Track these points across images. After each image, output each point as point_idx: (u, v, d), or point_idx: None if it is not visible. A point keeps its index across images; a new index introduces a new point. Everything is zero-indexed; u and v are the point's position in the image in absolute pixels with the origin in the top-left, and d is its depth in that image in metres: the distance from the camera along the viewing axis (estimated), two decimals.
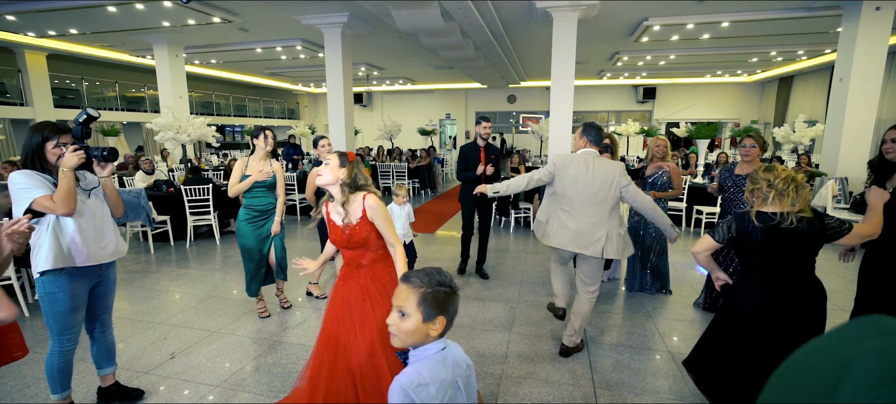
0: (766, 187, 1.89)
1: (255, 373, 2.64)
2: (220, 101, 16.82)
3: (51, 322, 2.01)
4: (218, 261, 5.02)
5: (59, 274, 1.96)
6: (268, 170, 3.26)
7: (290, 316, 3.47)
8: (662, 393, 2.46)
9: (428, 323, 1.14)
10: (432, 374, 1.11)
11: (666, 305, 3.69)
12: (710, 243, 2.03)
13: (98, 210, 2.09)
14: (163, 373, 2.64)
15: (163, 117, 6.45)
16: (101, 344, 2.31)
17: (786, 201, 1.85)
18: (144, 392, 2.45)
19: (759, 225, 1.87)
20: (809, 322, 1.89)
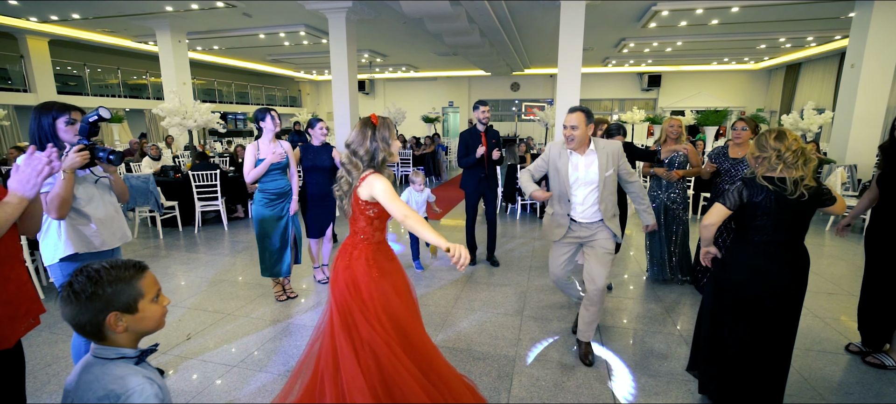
0: (776, 158, 1.87)
1: (271, 354, 2.67)
2: (222, 89, 16.75)
3: None
4: (226, 246, 5.04)
5: (76, 259, 1.99)
6: (280, 151, 3.24)
7: (303, 300, 3.49)
8: (677, 374, 2.48)
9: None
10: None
11: (675, 291, 3.70)
12: (723, 211, 1.96)
13: (105, 197, 2.12)
14: (180, 353, 2.67)
15: (169, 103, 6.42)
16: None
17: (794, 172, 1.85)
18: (164, 371, 2.49)
19: (768, 190, 1.85)
20: (797, 290, 1.93)
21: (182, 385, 2.35)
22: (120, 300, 0.96)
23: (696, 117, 8.36)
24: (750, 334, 2.00)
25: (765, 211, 1.88)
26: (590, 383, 2.40)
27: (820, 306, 3.40)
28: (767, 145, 1.90)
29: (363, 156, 1.75)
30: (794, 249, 1.94)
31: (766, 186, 1.86)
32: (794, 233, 1.93)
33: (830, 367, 2.58)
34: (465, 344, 2.80)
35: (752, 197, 1.89)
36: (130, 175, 5.20)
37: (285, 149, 3.33)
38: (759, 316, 1.97)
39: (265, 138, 3.25)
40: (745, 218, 1.95)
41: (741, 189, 1.92)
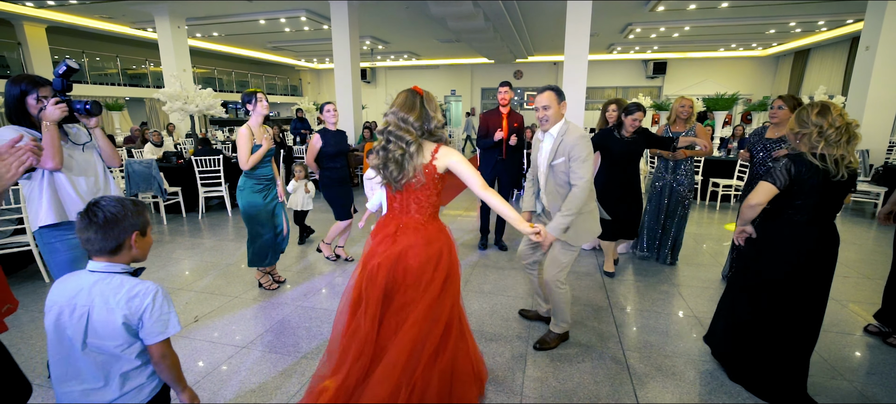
0: (817, 135, 1.78)
1: (279, 335, 2.63)
2: (222, 77, 16.60)
3: (56, 273, 2.02)
4: (231, 231, 5.00)
5: (58, 227, 1.95)
6: (269, 137, 3.15)
7: (303, 284, 3.45)
8: (692, 354, 2.43)
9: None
10: None
11: (684, 273, 3.65)
12: (769, 190, 1.84)
13: (92, 164, 2.07)
14: (189, 335, 2.63)
15: (170, 87, 6.33)
16: None
17: (837, 150, 1.76)
18: None
19: (820, 167, 1.77)
20: (828, 271, 1.92)
21: (191, 364, 2.31)
22: (139, 223, 1.24)
23: (705, 102, 8.21)
24: (779, 315, 1.95)
25: (810, 189, 1.79)
26: (606, 363, 2.35)
27: (835, 289, 3.33)
28: (809, 120, 1.80)
29: (414, 122, 1.64)
30: (829, 229, 1.90)
31: (814, 163, 1.77)
32: (830, 214, 1.87)
33: (849, 348, 2.52)
34: (476, 325, 2.75)
35: (801, 174, 1.79)
36: (133, 160, 5.14)
37: (271, 134, 3.25)
38: (790, 298, 1.92)
39: (255, 122, 3.08)
40: (787, 196, 1.86)
41: (789, 166, 1.82)
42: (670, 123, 3.73)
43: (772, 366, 2.00)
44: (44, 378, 2.18)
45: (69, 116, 1.91)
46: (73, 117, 1.95)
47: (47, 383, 2.13)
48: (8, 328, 1.58)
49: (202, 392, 2.10)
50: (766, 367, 2.02)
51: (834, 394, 2.10)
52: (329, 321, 2.81)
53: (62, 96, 1.90)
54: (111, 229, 1.18)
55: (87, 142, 2.07)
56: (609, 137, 3.41)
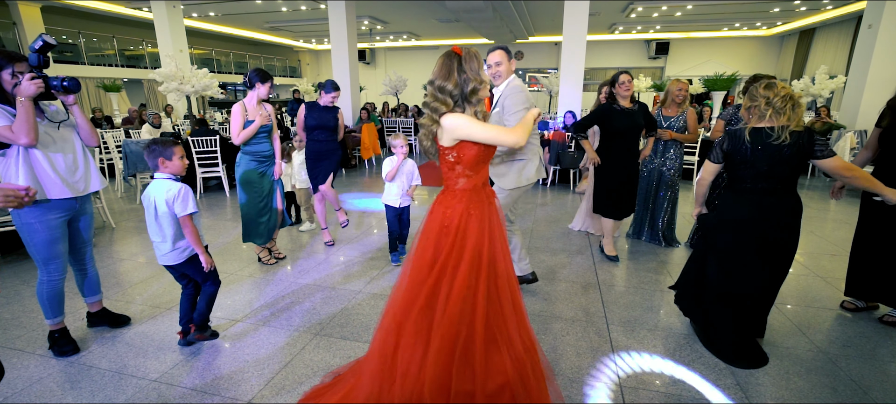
0: (765, 105, 1.96)
1: (273, 312, 2.70)
2: (220, 58, 16.47)
3: (33, 252, 2.06)
4: (228, 211, 5.05)
5: (35, 205, 1.96)
6: (266, 113, 3.19)
7: (303, 261, 3.51)
8: (675, 329, 2.50)
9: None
10: None
11: (678, 253, 3.70)
12: (712, 167, 2.15)
13: (69, 142, 2.07)
14: None
15: (166, 67, 6.30)
16: (86, 276, 2.37)
17: (782, 118, 1.94)
18: (130, 318, 2.54)
19: (750, 140, 1.97)
20: (787, 236, 2.03)
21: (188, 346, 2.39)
22: (163, 154, 2.05)
23: (705, 82, 8.12)
24: (729, 277, 2.13)
25: (743, 160, 1.99)
26: (589, 337, 2.42)
27: (822, 266, 3.40)
28: (758, 94, 1.99)
29: (452, 90, 1.54)
30: (783, 198, 2.01)
31: (745, 135, 1.98)
32: (780, 182, 1.99)
33: (830, 322, 2.58)
34: None
35: (734, 146, 2.01)
36: (130, 140, 5.16)
37: (269, 111, 3.28)
38: (742, 265, 2.09)
39: (252, 99, 3.15)
40: (731, 169, 2.08)
41: (722, 141, 2.06)
42: (663, 106, 3.71)
43: (721, 325, 2.19)
44: (45, 349, 2.25)
45: (46, 93, 1.90)
46: (50, 94, 1.93)
47: (48, 353, 2.22)
48: None
49: (192, 370, 2.18)
50: (716, 325, 2.21)
51: (796, 357, 2.17)
52: (322, 297, 2.88)
53: (38, 72, 1.88)
54: (149, 157, 2.06)
55: (64, 120, 2.07)
56: (608, 111, 3.27)
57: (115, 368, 2.12)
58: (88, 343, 2.33)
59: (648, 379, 2.06)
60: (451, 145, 1.56)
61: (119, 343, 2.34)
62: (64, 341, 2.21)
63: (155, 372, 2.08)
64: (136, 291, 2.98)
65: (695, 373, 2.09)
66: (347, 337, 2.40)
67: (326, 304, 2.78)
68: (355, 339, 2.37)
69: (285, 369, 2.12)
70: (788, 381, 2.04)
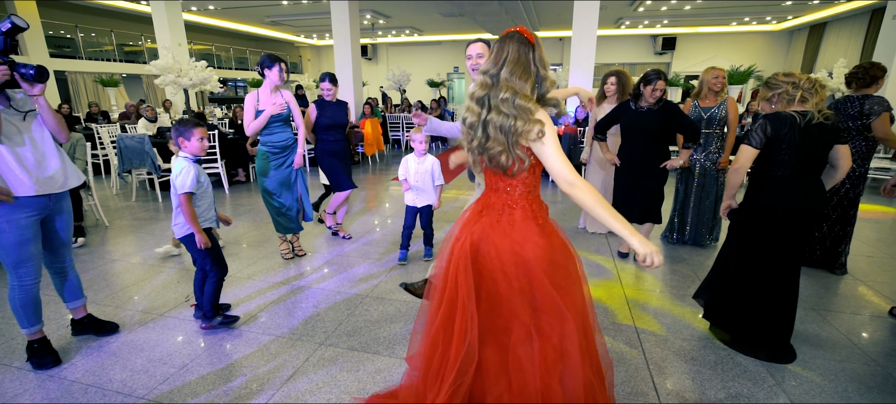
0: (792, 88, 1.92)
1: (275, 316, 2.50)
2: (220, 54, 16.25)
3: (1, 255, 1.85)
4: (228, 209, 4.85)
5: (1, 204, 1.76)
6: (281, 102, 3.01)
7: (308, 262, 3.31)
8: (710, 337, 2.29)
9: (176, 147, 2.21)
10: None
11: (711, 255, 3.49)
12: (751, 152, 2.00)
13: (37, 135, 1.87)
14: (179, 315, 2.50)
15: (162, 60, 6.09)
16: (66, 280, 2.16)
17: (811, 102, 1.90)
18: (119, 326, 2.34)
19: (797, 120, 1.89)
20: (816, 222, 2.04)
21: (181, 346, 2.19)
22: (184, 134, 2.14)
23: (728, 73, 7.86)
24: (762, 267, 2.04)
25: (790, 144, 1.91)
26: (619, 348, 2.21)
27: (859, 269, 3.18)
28: (779, 81, 1.97)
29: (529, 91, 1.27)
30: (816, 184, 1.98)
31: (790, 116, 1.90)
32: (814, 169, 1.96)
33: (880, 332, 2.37)
34: None
35: (778, 131, 1.92)
36: (125, 135, 4.96)
37: (286, 99, 3.10)
38: (776, 256, 2.01)
39: (266, 88, 3.00)
40: (768, 154, 1.99)
41: (765, 125, 1.95)
42: (698, 98, 3.38)
43: (752, 319, 2.10)
44: (23, 361, 2.05)
45: (11, 81, 1.70)
46: (15, 82, 1.72)
47: (26, 366, 2.02)
48: None
49: (183, 387, 1.98)
50: (748, 320, 2.12)
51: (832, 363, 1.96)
52: (327, 299, 2.68)
53: (3, 57, 1.69)
54: (173, 136, 2.18)
55: (30, 109, 1.86)
56: (621, 108, 3.07)
57: (98, 383, 1.91)
58: (71, 353, 2.13)
59: (690, 397, 1.85)
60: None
61: (105, 354, 2.13)
62: (43, 352, 2.01)
63: (142, 388, 1.88)
64: (128, 294, 2.77)
65: (741, 381, 1.88)
66: (356, 347, 2.19)
67: (332, 309, 2.57)
68: (364, 350, 2.17)
69: (287, 384, 1.91)
70: (844, 396, 1.83)
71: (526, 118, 1.22)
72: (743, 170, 2.04)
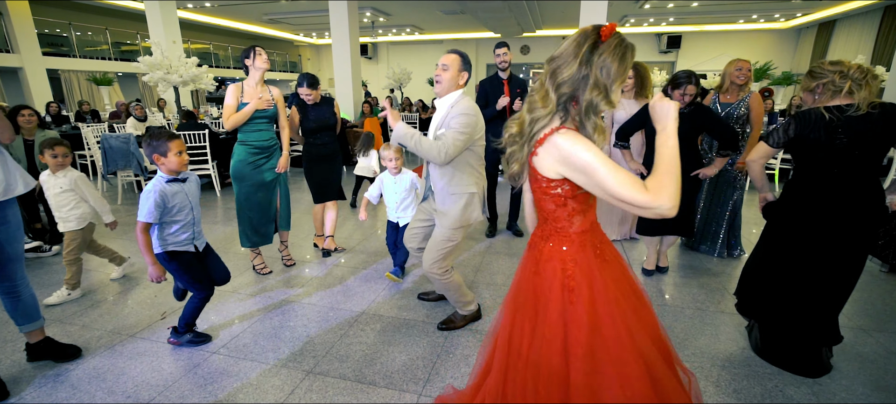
0: (840, 78, 1.71)
1: (259, 338, 2.23)
2: (218, 53, 16.02)
3: None
4: (219, 213, 4.59)
5: None
6: (268, 97, 2.73)
7: (297, 273, 3.04)
8: (746, 359, 2.02)
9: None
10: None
11: (738, 266, 3.21)
12: (766, 151, 1.89)
13: None
14: (151, 336, 2.24)
15: (151, 57, 5.84)
16: (18, 300, 1.88)
17: (860, 93, 1.68)
18: (82, 350, 2.08)
19: (830, 118, 1.70)
20: (864, 227, 1.76)
21: (151, 376, 1.92)
22: (159, 150, 1.90)
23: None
24: (800, 280, 1.87)
25: (816, 144, 1.73)
26: None
27: None
28: (824, 70, 1.76)
29: (562, 83, 1.00)
30: (862, 184, 1.74)
31: (820, 115, 1.71)
32: (862, 165, 1.72)
33: None
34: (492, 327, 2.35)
35: (803, 131, 1.75)
36: (110, 135, 4.70)
37: (274, 95, 2.82)
38: (812, 261, 1.83)
39: (251, 80, 2.74)
40: (801, 156, 1.84)
41: (789, 124, 1.80)
42: (720, 92, 3.12)
43: (787, 329, 1.93)
44: None
45: None
46: None
47: None
48: None
49: None
50: (781, 330, 1.95)
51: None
52: (317, 320, 2.41)
53: None
54: (147, 153, 1.93)
55: None
56: (647, 111, 2.77)
57: None
58: (23, 384, 1.86)
59: None
60: (558, 178, 1.04)
61: (63, 384, 1.87)
62: None
63: None
64: (98, 311, 2.51)
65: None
66: (347, 376, 1.93)
67: (322, 330, 2.31)
68: (358, 380, 1.90)
69: None
70: None
71: (536, 124, 1.06)
72: (755, 164, 1.94)
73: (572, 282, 1.07)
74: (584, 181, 0.98)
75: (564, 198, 1.07)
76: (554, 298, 1.08)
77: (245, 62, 2.71)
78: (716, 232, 3.28)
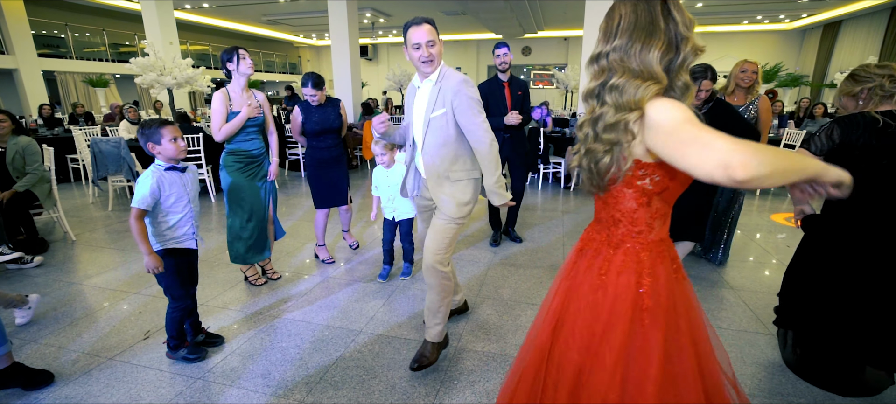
0: (889, 82, 1.59)
1: (248, 360, 2.07)
2: (216, 54, 15.88)
3: None
4: (213, 220, 4.43)
5: None
6: (255, 104, 2.59)
7: (292, 286, 2.88)
8: (769, 372, 1.85)
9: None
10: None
11: (742, 273, 3.05)
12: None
13: None
14: (132, 359, 2.08)
15: (145, 58, 5.68)
16: None
17: None
18: (54, 376, 1.92)
19: (884, 123, 1.57)
20: None
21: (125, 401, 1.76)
22: (152, 139, 1.84)
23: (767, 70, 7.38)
24: (848, 297, 1.72)
25: (865, 152, 1.60)
26: None
27: None
28: (870, 74, 1.65)
29: (655, 61, 0.85)
30: None
31: (869, 118, 1.59)
32: None
33: None
34: (498, 347, 2.18)
35: (849, 136, 1.63)
36: (100, 139, 4.54)
37: (260, 100, 2.68)
38: (861, 277, 1.68)
39: (236, 85, 2.58)
40: (846, 163, 1.62)
41: (832, 129, 1.69)
42: (726, 93, 3.02)
43: (833, 350, 1.77)
44: None
45: None
46: None
47: None
48: None
49: None
50: (825, 350, 1.79)
51: None
52: (312, 338, 2.25)
53: None
54: (142, 143, 1.86)
55: None
56: None
57: None
58: None
59: None
60: (654, 162, 0.88)
61: None
62: None
63: None
64: (77, 329, 2.35)
65: None
66: None
67: (315, 351, 2.14)
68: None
69: None
70: None
71: (638, 101, 0.85)
72: None
73: (648, 301, 0.90)
74: (664, 142, 0.80)
75: (649, 195, 0.91)
76: (621, 319, 0.91)
77: (227, 66, 2.54)
78: (719, 239, 3.14)
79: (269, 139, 2.80)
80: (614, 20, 0.91)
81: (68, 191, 5.60)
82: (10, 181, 3.26)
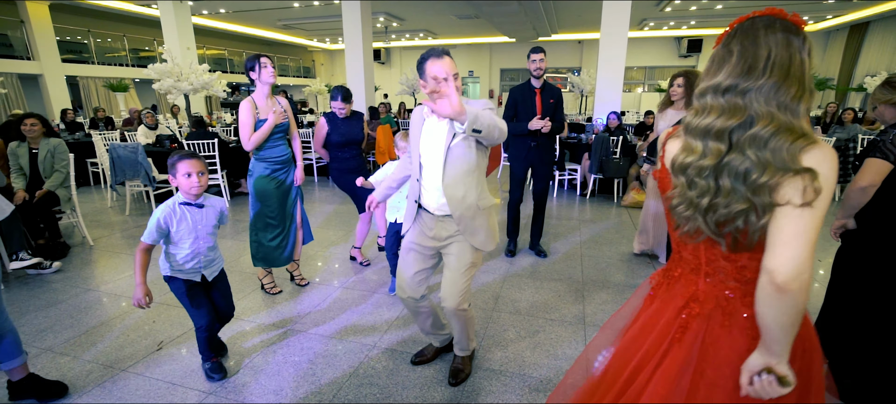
0: None
1: (260, 375, 2.03)
2: (233, 58, 16.12)
3: None
4: (228, 226, 4.44)
5: None
6: (280, 110, 2.60)
7: (307, 295, 2.84)
8: None
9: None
10: None
11: None
12: (883, 168, 1.57)
13: None
14: (145, 371, 2.05)
15: (163, 64, 5.76)
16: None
17: None
18: (68, 388, 1.90)
19: None
20: None
21: None
22: (170, 170, 1.81)
23: None
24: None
25: None
26: None
27: None
28: None
29: (796, 106, 0.76)
30: None
31: None
32: None
33: None
34: (516, 365, 2.10)
35: None
36: (118, 144, 4.60)
37: (284, 106, 2.69)
38: None
39: (261, 93, 2.59)
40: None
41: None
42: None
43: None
44: None
45: None
46: None
47: None
48: None
49: None
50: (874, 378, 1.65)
51: None
52: (324, 351, 2.20)
53: None
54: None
55: None
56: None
57: None
58: None
59: None
60: None
61: None
62: None
63: None
64: (92, 338, 2.34)
65: None
66: None
67: (329, 367, 2.09)
68: None
69: None
70: None
71: (792, 157, 0.73)
72: (872, 189, 1.61)
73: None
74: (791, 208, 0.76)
75: None
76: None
77: (250, 75, 2.55)
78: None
79: (293, 144, 2.84)
80: (762, 51, 0.75)
81: (88, 194, 5.70)
82: (42, 182, 3.40)
